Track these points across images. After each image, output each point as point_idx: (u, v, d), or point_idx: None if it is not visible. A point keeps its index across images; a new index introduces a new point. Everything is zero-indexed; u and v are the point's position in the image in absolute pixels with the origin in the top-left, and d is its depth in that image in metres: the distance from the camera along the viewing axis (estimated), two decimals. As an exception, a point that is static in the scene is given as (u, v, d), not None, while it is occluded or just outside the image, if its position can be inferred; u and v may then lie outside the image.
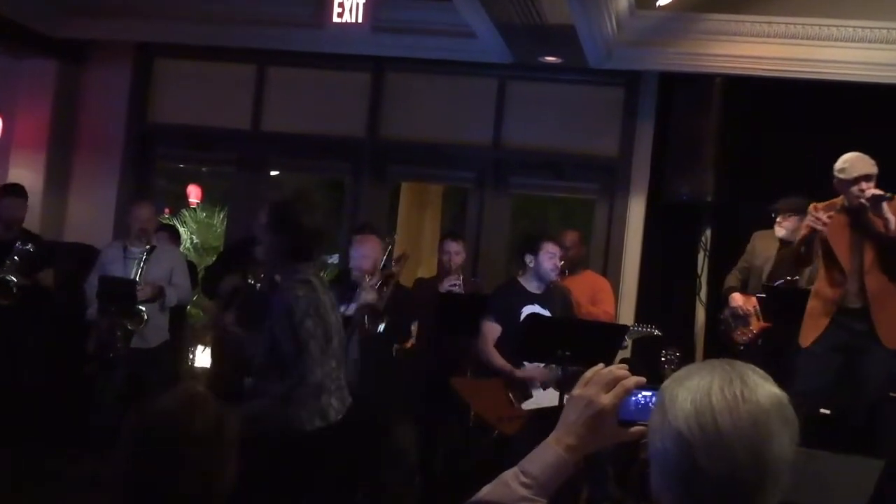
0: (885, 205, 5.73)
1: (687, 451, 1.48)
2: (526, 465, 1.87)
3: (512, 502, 1.84)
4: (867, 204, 5.76)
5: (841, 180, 5.89)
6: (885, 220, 5.73)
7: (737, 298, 7.21)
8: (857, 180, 5.81)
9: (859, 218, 5.90)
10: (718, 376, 1.52)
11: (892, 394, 6.56)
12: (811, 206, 6.12)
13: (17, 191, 7.57)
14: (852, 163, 5.86)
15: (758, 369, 1.57)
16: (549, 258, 6.33)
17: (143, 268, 7.07)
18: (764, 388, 1.52)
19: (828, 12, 7.51)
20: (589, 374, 1.86)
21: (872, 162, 5.86)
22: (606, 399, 1.78)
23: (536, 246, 6.36)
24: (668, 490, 1.53)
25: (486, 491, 1.89)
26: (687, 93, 7.92)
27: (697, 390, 1.51)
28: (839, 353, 6.00)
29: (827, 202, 6.06)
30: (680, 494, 1.51)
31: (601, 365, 1.87)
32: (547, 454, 1.85)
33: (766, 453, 1.48)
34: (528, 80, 8.54)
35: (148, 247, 7.17)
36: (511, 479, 1.86)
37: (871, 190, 5.76)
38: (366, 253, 6.50)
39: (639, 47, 7.85)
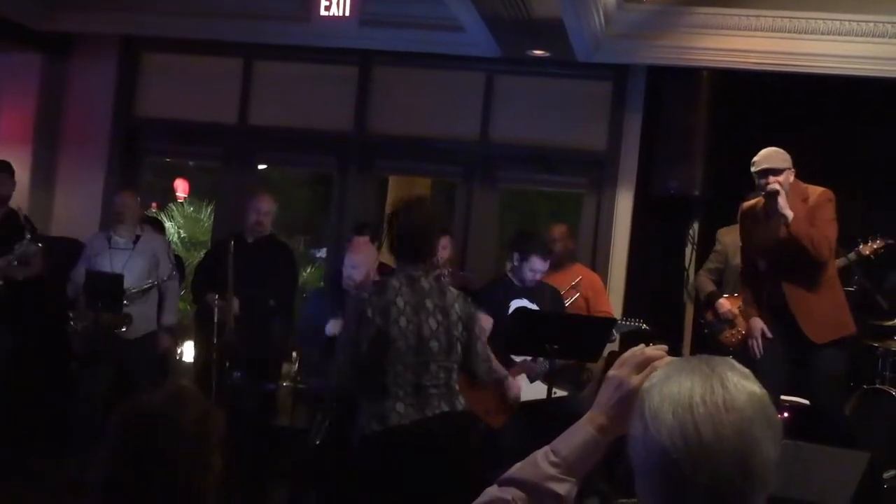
0: (780, 200, 5.67)
1: (672, 464, 1.46)
2: (557, 444, 1.87)
3: (539, 481, 1.83)
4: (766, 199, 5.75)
5: (753, 174, 5.86)
6: (784, 217, 5.69)
7: (724, 304, 7.20)
8: (764, 173, 5.77)
9: (769, 215, 5.85)
10: (699, 382, 1.49)
11: (877, 385, 6.62)
12: (741, 207, 6.14)
13: (3, 166, 7.53)
14: (763, 156, 5.82)
15: (737, 365, 1.54)
16: (530, 272, 6.36)
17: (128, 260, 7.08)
18: (745, 390, 1.49)
19: (815, 6, 7.51)
20: (626, 354, 1.84)
21: (784, 157, 5.80)
22: (637, 380, 1.74)
23: (526, 254, 6.36)
24: (652, 496, 1.51)
25: (515, 468, 1.89)
26: (675, 86, 7.92)
27: (679, 401, 1.48)
28: (786, 349, 5.95)
29: (752, 201, 6.07)
30: (665, 501, 1.49)
31: (641, 346, 1.85)
32: (578, 434, 1.84)
33: (752, 461, 1.46)
34: (515, 73, 8.53)
35: (134, 236, 7.17)
36: (540, 458, 1.86)
37: (773, 186, 5.71)
38: (358, 262, 6.47)
39: (627, 41, 7.84)
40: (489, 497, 1.87)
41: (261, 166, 10.01)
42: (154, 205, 12.17)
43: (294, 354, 6.37)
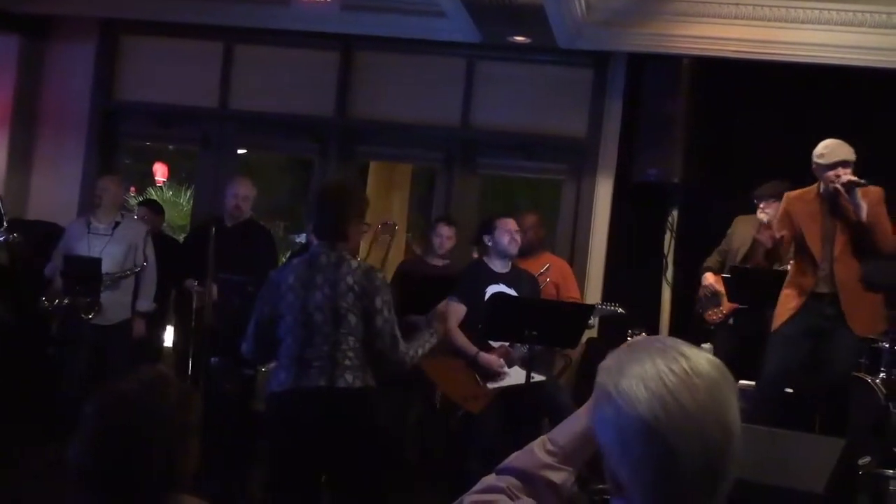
0: (858, 191, 5.77)
1: (656, 437, 1.45)
2: (554, 433, 1.87)
3: (535, 469, 1.84)
4: (842, 190, 5.79)
5: (819, 165, 5.92)
6: (857, 207, 5.77)
7: (708, 277, 7.28)
8: (834, 166, 5.85)
9: (833, 205, 5.94)
10: (659, 357, 1.49)
11: (854, 374, 6.66)
12: (784, 196, 6.19)
13: None
14: (832, 149, 5.90)
15: (684, 342, 1.55)
16: (504, 233, 6.35)
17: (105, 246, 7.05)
18: (703, 357, 1.51)
19: (795, -6, 7.56)
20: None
21: (851, 150, 5.89)
22: None
23: (491, 225, 6.38)
24: (636, 481, 1.49)
25: (513, 457, 1.90)
26: (655, 74, 7.93)
27: (648, 377, 1.47)
28: (808, 337, 6.04)
29: (801, 190, 6.12)
30: (653, 482, 1.47)
31: (642, 335, 1.85)
32: (576, 424, 1.85)
33: (729, 421, 1.48)
34: (496, 59, 8.53)
35: (113, 222, 7.14)
36: (537, 447, 1.87)
37: (847, 176, 5.80)
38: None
39: (608, 28, 7.85)
40: (485, 485, 1.87)
41: (241, 151, 9.98)
42: (133, 189, 12.13)
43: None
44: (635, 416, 1.46)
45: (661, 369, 1.47)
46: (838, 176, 5.82)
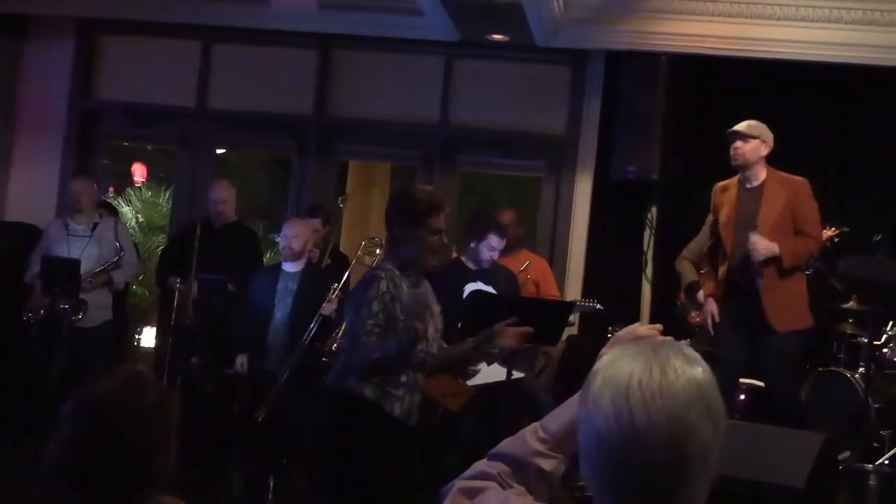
0: (762, 253, 5.80)
1: (608, 448, 1.45)
2: (546, 420, 1.87)
3: (526, 456, 1.85)
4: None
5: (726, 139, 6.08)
6: (771, 256, 5.82)
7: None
8: (732, 135, 6.01)
9: (752, 195, 6.00)
10: (639, 366, 1.47)
11: (833, 368, 6.69)
12: (714, 187, 6.28)
13: None
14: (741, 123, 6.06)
15: (685, 349, 1.52)
16: (488, 250, 6.39)
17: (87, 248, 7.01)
18: (686, 377, 1.46)
19: (771, -9, 7.59)
20: (620, 333, 1.84)
21: (762, 128, 6.02)
22: None
23: (483, 233, 6.39)
24: (593, 480, 1.51)
25: (504, 443, 1.90)
26: (633, 71, 7.94)
27: (617, 385, 1.46)
28: (738, 335, 6.04)
29: (728, 180, 6.21)
30: (603, 485, 1.49)
31: (638, 324, 1.84)
32: (567, 411, 1.84)
33: (686, 449, 1.44)
34: (475, 57, 8.52)
35: (92, 223, 7.11)
36: (529, 434, 1.87)
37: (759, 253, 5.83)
38: (296, 232, 6.53)
39: (585, 25, 7.87)
40: (476, 471, 1.87)
41: (219, 150, 9.94)
42: (111, 189, 12.07)
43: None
44: (595, 424, 1.47)
45: (632, 382, 1.45)
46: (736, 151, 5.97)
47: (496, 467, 1.84)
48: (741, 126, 5.99)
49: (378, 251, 6.64)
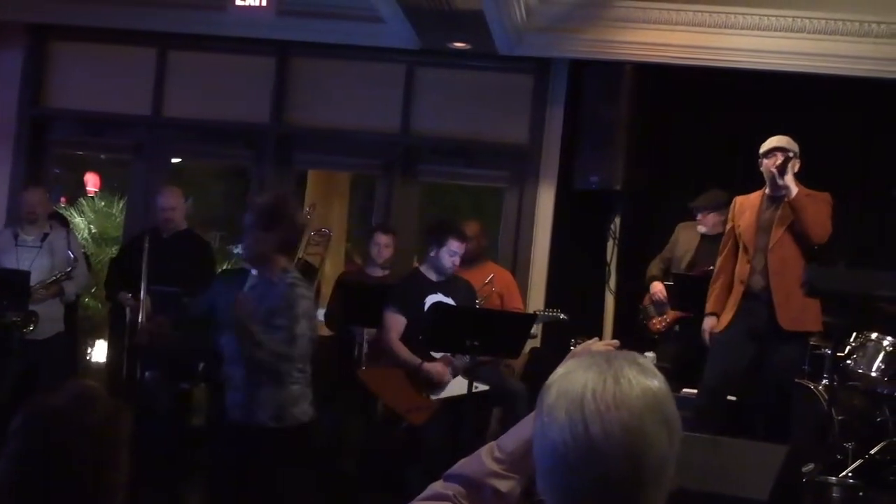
0: (789, 172, 5.90)
1: (563, 461, 1.44)
2: (503, 439, 1.86)
3: (482, 477, 1.82)
4: (775, 172, 5.91)
5: (760, 156, 6.07)
6: (785, 188, 5.89)
7: (656, 285, 7.30)
8: (769, 153, 6.00)
9: (773, 198, 6.05)
10: (593, 378, 1.46)
11: (797, 380, 6.68)
12: (734, 200, 6.30)
13: None
14: (770, 139, 6.06)
15: (640, 359, 1.52)
16: (449, 255, 6.28)
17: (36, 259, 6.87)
18: (639, 387, 1.46)
19: (735, 1, 7.62)
20: (577, 349, 1.84)
21: (789, 140, 6.04)
22: None
23: (443, 239, 6.29)
24: (549, 492, 1.49)
25: (461, 463, 1.88)
26: (597, 80, 7.93)
27: (572, 397, 1.45)
28: (749, 341, 6.08)
29: (747, 195, 6.23)
30: (559, 497, 1.47)
31: (595, 339, 1.80)
32: (524, 430, 1.81)
33: (642, 459, 1.43)
34: (436, 66, 8.48)
35: (42, 234, 6.97)
36: (485, 454, 1.85)
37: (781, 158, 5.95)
38: None
39: (548, 34, 7.85)
40: (432, 492, 1.85)
41: (175, 159, 9.80)
42: (63, 199, 11.87)
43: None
44: (550, 436, 1.46)
45: (586, 394, 1.45)
46: (776, 161, 5.95)
47: (452, 489, 1.83)
48: (783, 143, 6.03)
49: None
